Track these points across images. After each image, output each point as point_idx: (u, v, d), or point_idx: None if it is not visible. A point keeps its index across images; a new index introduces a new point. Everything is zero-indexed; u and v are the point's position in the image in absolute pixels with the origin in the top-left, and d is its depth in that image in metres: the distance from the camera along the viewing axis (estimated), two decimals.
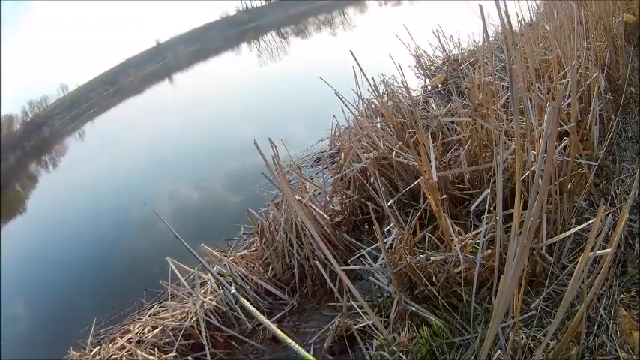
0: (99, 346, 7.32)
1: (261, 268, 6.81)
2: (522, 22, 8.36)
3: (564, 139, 4.67)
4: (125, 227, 11.71)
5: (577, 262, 3.02)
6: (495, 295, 3.39)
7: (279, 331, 4.77)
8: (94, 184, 23.41)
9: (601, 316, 3.54)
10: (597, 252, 3.11)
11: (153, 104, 40.43)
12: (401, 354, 4.02)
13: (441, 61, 11.78)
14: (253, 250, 7.36)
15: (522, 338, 3.48)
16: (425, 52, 12.02)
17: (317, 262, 5.81)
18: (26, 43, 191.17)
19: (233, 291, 5.81)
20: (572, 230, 3.99)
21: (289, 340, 4.53)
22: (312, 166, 10.16)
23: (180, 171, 16.99)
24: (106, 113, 55.50)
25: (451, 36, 11.72)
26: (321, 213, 6.60)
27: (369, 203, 5.78)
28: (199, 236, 8.12)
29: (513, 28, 5.35)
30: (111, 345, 7.06)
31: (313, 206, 6.60)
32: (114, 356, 6.70)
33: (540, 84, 5.76)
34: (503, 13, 4.27)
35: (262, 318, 5.14)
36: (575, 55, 5.72)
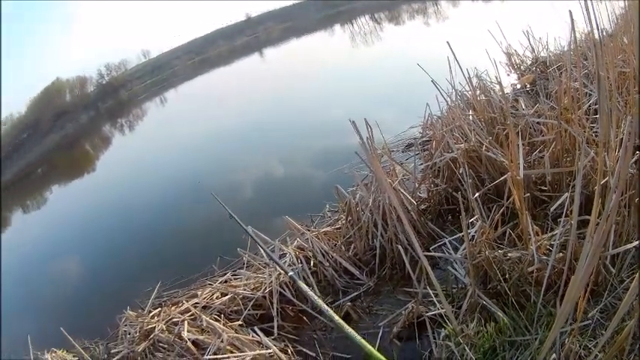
0: (159, 308, 7.79)
1: (342, 247, 7.10)
2: (603, 32, 8.52)
3: (637, 152, 4.81)
4: (202, 194, 11.90)
5: (634, 278, 3.18)
6: (561, 300, 3.63)
7: (336, 317, 5.04)
8: (171, 150, 24.16)
9: None
10: None
11: (241, 77, 41.02)
12: (465, 346, 4.25)
13: (529, 62, 12.11)
14: (337, 228, 7.66)
15: (576, 346, 3.70)
16: (515, 50, 12.39)
17: (399, 246, 6.13)
18: (106, 6, 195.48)
19: (291, 273, 6.02)
20: (634, 243, 4.18)
21: (346, 327, 4.84)
22: (402, 152, 10.49)
23: (266, 145, 17.42)
24: (190, 81, 56.46)
25: (540, 37, 11.94)
26: (409, 198, 6.93)
27: (455, 194, 6.09)
28: (284, 209, 8.53)
29: (596, 37, 5.59)
30: (173, 308, 7.53)
31: (402, 190, 6.91)
32: (174, 319, 7.08)
33: (619, 95, 5.98)
34: (590, 23, 4.53)
35: (320, 302, 5.39)
36: None
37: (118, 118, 62.34)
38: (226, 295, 7.30)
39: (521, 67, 12.16)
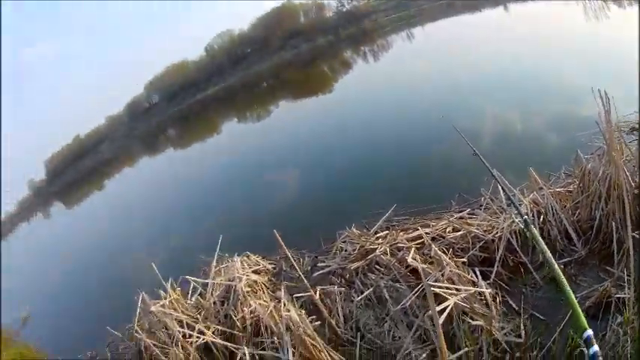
0: (387, 231, 8.85)
1: (570, 210, 7.52)
2: None
3: None
4: (444, 130, 12.33)
5: None
6: None
7: (556, 266, 4.89)
8: (417, 83, 25.96)
9: None
10: None
11: (486, 26, 40.93)
12: (628, 338, 4.63)
13: None
14: (569, 191, 8.10)
15: None
16: None
17: (613, 223, 6.49)
18: None
19: (525, 217, 6.28)
20: None
21: (564, 281, 4.64)
22: (626, 133, 10.34)
23: (506, 97, 17.88)
24: (436, 22, 56.74)
25: None
26: (629, 180, 6.99)
27: None
28: (520, 162, 9.37)
29: None
30: (401, 233, 8.47)
31: (627, 171, 6.99)
32: (399, 244, 8.05)
33: None
34: None
35: (548, 254, 5.25)
36: None
37: (360, 46, 63.68)
38: (459, 231, 8.06)
39: None
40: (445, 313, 5.90)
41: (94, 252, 24.71)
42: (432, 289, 5.85)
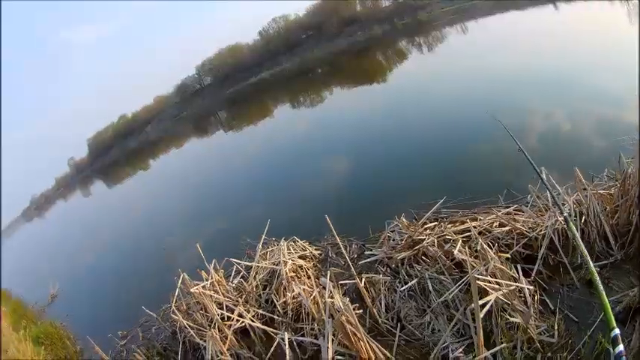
0: (435, 223, 9.02)
1: (609, 213, 7.52)
2: None
3: None
4: (490, 124, 12.03)
5: None
6: None
7: (591, 264, 5.40)
8: (465, 76, 25.67)
9: None
10: None
11: (533, 24, 40.64)
12: None
13: None
14: (610, 194, 8.06)
15: None
16: None
17: None
18: None
19: (565, 214, 6.64)
20: None
21: (599, 282, 5.04)
22: None
23: (550, 95, 17.54)
24: (489, 17, 56.30)
25: None
26: None
27: None
28: (567, 160, 9.46)
29: None
30: (449, 225, 8.67)
31: None
32: (447, 236, 8.25)
33: None
34: None
35: (585, 252, 5.72)
36: None
37: (415, 37, 63.30)
38: (505, 226, 8.18)
39: None
40: (486, 308, 6.11)
41: (135, 231, 25.83)
42: (477, 282, 5.95)
